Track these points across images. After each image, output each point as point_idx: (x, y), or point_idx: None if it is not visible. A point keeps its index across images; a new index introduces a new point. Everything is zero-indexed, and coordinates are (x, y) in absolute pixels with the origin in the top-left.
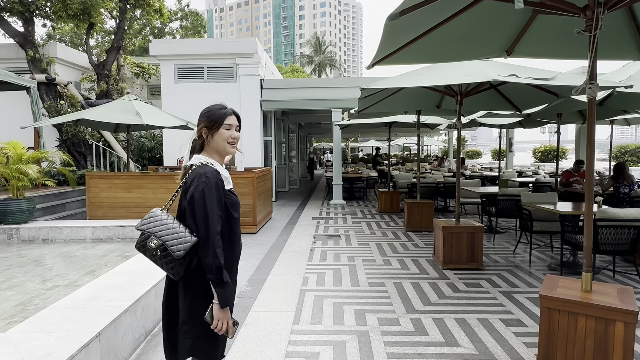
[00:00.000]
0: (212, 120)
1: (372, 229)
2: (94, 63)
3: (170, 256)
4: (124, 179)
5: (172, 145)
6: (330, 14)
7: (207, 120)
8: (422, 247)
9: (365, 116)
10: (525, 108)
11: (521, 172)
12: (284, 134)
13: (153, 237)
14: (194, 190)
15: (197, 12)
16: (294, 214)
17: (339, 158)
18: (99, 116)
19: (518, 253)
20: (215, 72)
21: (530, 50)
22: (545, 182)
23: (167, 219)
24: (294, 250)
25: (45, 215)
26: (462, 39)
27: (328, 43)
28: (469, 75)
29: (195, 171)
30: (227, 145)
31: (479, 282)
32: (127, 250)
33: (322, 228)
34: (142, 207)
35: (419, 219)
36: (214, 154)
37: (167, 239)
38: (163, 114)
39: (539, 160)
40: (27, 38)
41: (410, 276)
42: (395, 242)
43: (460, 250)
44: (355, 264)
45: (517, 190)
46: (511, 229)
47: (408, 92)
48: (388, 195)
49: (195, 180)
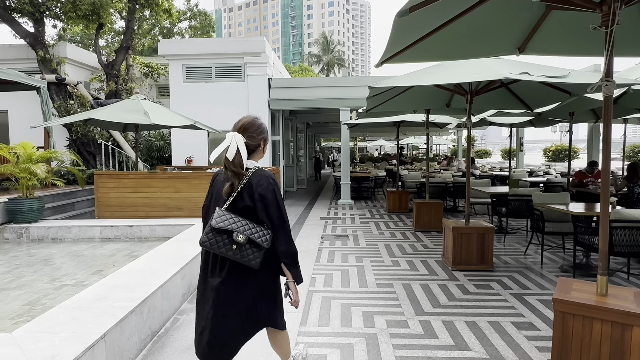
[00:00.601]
0: (267, 135)
1: (380, 229)
2: (103, 63)
3: (258, 247)
4: (132, 179)
5: (180, 145)
6: (339, 13)
7: (267, 134)
8: (431, 248)
9: (373, 115)
10: (537, 107)
11: (532, 171)
12: (292, 133)
13: (237, 232)
14: (264, 190)
15: (205, 12)
16: (301, 214)
17: (347, 158)
18: (108, 116)
19: (529, 254)
20: (223, 71)
21: (544, 47)
22: (557, 182)
23: (236, 217)
24: (301, 251)
25: (54, 214)
26: (473, 36)
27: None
28: (479, 74)
29: (257, 174)
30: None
31: (489, 283)
32: (135, 250)
33: (330, 228)
34: (150, 206)
35: (428, 219)
36: (256, 159)
37: (249, 233)
38: (171, 114)
39: (550, 159)
40: (38, 38)
41: (419, 277)
42: (404, 243)
43: (470, 251)
44: (363, 264)
45: (528, 190)
46: (522, 229)
47: (417, 91)
48: (396, 195)
49: (263, 181)
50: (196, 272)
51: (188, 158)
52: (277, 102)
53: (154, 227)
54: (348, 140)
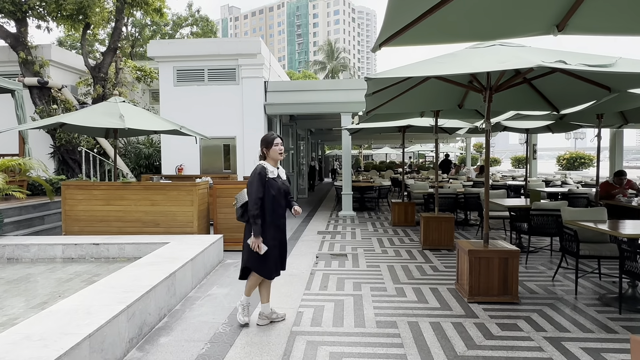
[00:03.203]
0: (267, 143)
1: (383, 247)
2: (90, 66)
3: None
4: (104, 190)
5: (170, 153)
6: (344, 21)
7: (265, 143)
8: (442, 272)
9: (376, 119)
10: (565, 107)
11: (548, 181)
12: (293, 140)
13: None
14: (250, 175)
15: (207, 17)
16: (298, 227)
17: (348, 166)
18: (79, 120)
19: (558, 280)
20: (217, 74)
21: (591, 23)
22: (580, 194)
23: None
24: (291, 274)
25: (18, 229)
26: (497, 10)
27: (341, 49)
28: (504, 62)
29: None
30: (278, 155)
31: (516, 322)
32: (97, 274)
33: (327, 245)
34: (123, 221)
35: (437, 236)
36: (270, 160)
37: (237, 198)
38: (152, 118)
39: (564, 167)
40: (19, 39)
41: (429, 313)
42: (410, 264)
43: (490, 280)
44: (361, 293)
45: (555, 203)
46: (545, 248)
47: (425, 89)
48: (402, 207)
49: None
50: (155, 307)
51: (178, 166)
52: (273, 106)
53: (123, 245)
54: (350, 147)
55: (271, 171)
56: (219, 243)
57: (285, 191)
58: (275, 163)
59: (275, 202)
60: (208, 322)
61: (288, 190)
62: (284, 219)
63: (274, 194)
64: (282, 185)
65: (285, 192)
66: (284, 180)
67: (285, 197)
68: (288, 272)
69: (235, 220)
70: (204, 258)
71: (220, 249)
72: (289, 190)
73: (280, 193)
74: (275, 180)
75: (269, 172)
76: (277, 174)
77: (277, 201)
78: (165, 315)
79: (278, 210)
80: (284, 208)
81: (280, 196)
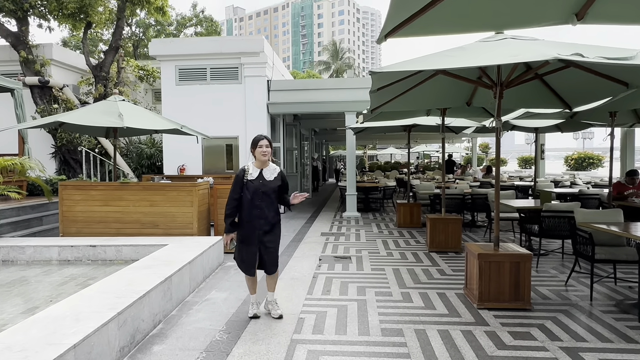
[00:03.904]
0: (253, 143)
1: (388, 249)
2: (91, 65)
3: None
4: (102, 190)
5: (172, 153)
6: (349, 21)
7: (252, 144)
8: (449, 275)
9: (381, 118)
10: (578, 104)
11: (557, 181)
12: (296, 140)
13: None
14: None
15: (211, 18)
16: (301, 229)
17: (352, 166)
18: (77, 119)
19: (572, 285)
20: (219, 73)
21: (614, 11)
22: (591, 194)
23: None
24: (292, 277)
25: (15, 230)
26: None
27: (346, 49)
28: (517, 55)
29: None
30: (261, 156)
31: (529, 330)
32: (93, 277)
33: (330, 247)
34: (122, 222)
35: (444, 238)
36: (256, 161)
37: None
38: (152, 117)
39: (572, 168)
40: (20, 38)
41: (437, 320)
42: (416, 267)
43: (501, 285)
44: (366, 298)
45: (568, 205)
46: (556, 251)
47: (432, 86)
48: (407, 208)
49: None
50: (149, 313)
51: (180, 167)
52: (276, 105)
53: (120, 247)
54: (354, 147)
55: (251, 173)
56: (219, 245)
57: (264, 192)
58: (262, 164)
59: (250, 203)
60: (205, 329)
61: (273, 190)
62: (262, 219)
63: (250, 197)
64: (262, 185)
65: (265, 192)
66: (268, 180)
67: (268, 196)
68: (290, 275)
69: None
70: (202, 261)
71: (220, 251)
72: (274, 189)
73: (257, 194)
74: (253, 182)
75: (248, 174)
76: (259, 175)
77: (253, 202)
78: (161, 321)
79: (253, 211)
80: (263, 209)
81: (258, 197)
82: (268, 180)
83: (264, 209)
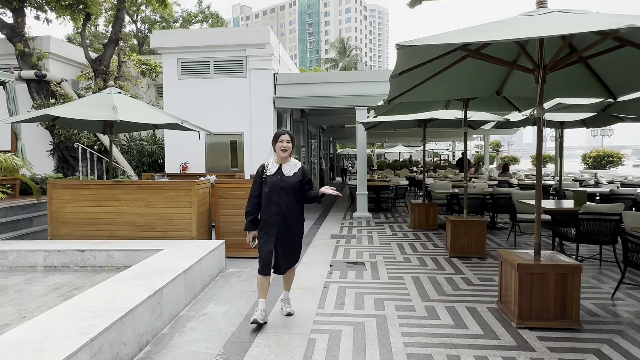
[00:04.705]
0: (274, 138)
1: (405, 253)
2: (90, 58)
3: None
4: (93, 189)
5: (174, 149)
6: (356, 19)
7: (273, 138)
8: (477, 286)
9: (395, 112)
10: (624, 92)
11: (578, 180)
12: (304, 138)
13: None
14: None
15: (217, 14)
16: (309, 230)
17: (363, 164)
18: (68, 112)
19: (620, 298)
20: (223, 66)
21: None
22: (624, 194)
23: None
24: (301, 287)
25: (3, 232)
26: None
27: (353, 46)
28: (575, 25)
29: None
30: (281, 151)
31: (584, 358)
32: (79, 286)
33: (341, 251)
34: (115, 224)
35: (467, 242)
36: (277, 157)
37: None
38: (149, 110)
39: (590, 166)
40: (16, 30)
41: (472, 342)
42: (438, 275)
43: (545, 300)
44: (385, 313)
45: (610, 206)
46: (594, 258)
47: (459, 72)
48: (422, 209)
49: None
50: (133, 335)
51: (183, 164)
52: (283, 100)
53: (111, 252)
54: (364, 143)
55: (269, 168)
56: (221, 249)
57: (283, 187)
58: (282, 159)
59: (269, 200)
60: (199, 353)
61: (292, 186)
62: (280, 216)
63: (267, 191)
64: (280, 181)
65: (283, 188)
66: (287, 175)
67: (287, 192)
68: (298, 284)
69: (239, 224)
70: (201, 268)
71: (221, 256)
72: (293, 185)
73: (275, 190)
74: (271, 178)
75: (267, 169)
76: (278, 170)
77: (271, 198)
78: (149, 342)
79: (271, 208)
80: (281, 205)
81: (275, 193)
82: (287, 175)
83: (281, 205)
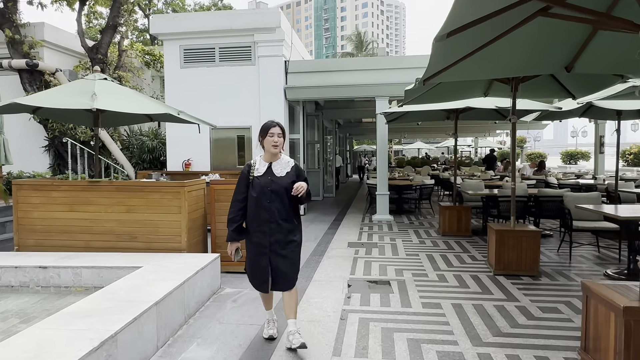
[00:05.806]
0: (262, 131)
1: (438, 269)
2: (87, 46)
3: None
4: (65, 191)
5: (176, 145)
6: (373, 14)
7: (260, 132)
8: (542, 320)
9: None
10: None
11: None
12: (319, 133)
13: None
14: None
15: (230, 6)
16: (324, 236)
17: (384, 161)
18: (40, 101)
19: None
20: (230, 53)
21: None
22: None
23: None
24: (311, 319)
25: None
26: None
27: (370, 40)
28: None
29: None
30: (271, 147)
31: None
32: (32, 316)
33: (361, 264)
34: (91, 232)
35: (515, 257)
36: (265, 153)
37: None
38: (137, 98)
39: (630, 164)
40: (6, 15)
41: None
42: (486, 302)
43: None
44: None
45: None
46: None
47: (520, 38)
48: (454, 213)
49: None
50: None
51: (185, 162)
52: (295, 90)
53: (79, 269)
54: (386, 137)
55: (257, 168)
56: (214, 265)
57: (274, 190)
58: (271, 157)
59: (257, 204)
60: None
61: (285, 188)
62: (273, 224)
63: (255, 195)
64: (271, 183)
65: (274, 191)
66: (278, 176)
67: (279, 196)
68: (308, 314)
69: None
70: (184, 294)
71: (215, 274)
72: (286, 187)
73: (264, 193)
74: (259, 179)
75: (254, 170)
76: (267, 170)
77: (260, 203)
78: None
79: (260, 214)
80: (272, 210)
81: (266, 197)
82: (278, 176)
83: (273, 210)
